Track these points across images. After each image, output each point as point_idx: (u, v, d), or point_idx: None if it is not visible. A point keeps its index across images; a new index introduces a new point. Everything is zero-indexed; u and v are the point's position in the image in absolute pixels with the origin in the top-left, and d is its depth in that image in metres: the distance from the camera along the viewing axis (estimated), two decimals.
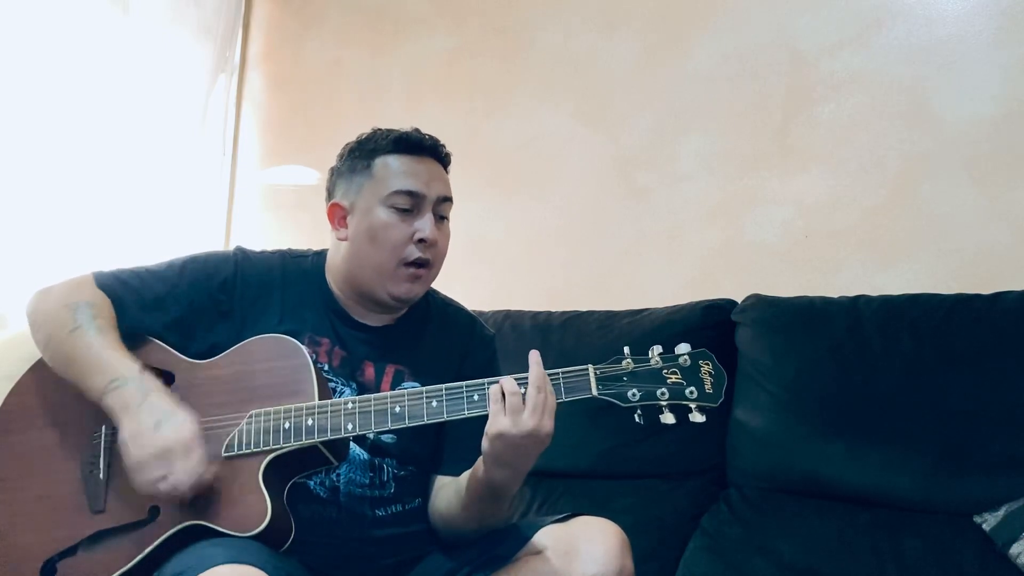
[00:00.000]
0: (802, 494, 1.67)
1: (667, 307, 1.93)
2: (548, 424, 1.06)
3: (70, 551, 1.14)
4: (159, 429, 1.08)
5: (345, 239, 1.30)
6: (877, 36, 1.98)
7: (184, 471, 1.07)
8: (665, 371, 1.12)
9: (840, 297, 1.79)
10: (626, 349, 1.14)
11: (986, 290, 1.66)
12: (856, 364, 1.66)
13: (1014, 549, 1.38)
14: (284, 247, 1.41)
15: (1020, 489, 1.46)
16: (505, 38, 2.49)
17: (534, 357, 1.09)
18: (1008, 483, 1.48)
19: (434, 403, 1.13)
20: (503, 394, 1.07)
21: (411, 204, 1.26)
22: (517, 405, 1.05)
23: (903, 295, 1.73)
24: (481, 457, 1.11)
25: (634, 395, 1.11)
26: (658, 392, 1.11)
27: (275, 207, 2.84)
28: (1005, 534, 1.41)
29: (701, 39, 2.19)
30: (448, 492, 1.27)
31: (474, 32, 2.54)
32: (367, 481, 1.25)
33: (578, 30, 2.37)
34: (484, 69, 2.52)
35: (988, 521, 1.45)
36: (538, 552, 1.13)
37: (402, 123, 1.34)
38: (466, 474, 1.21)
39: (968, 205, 1.85)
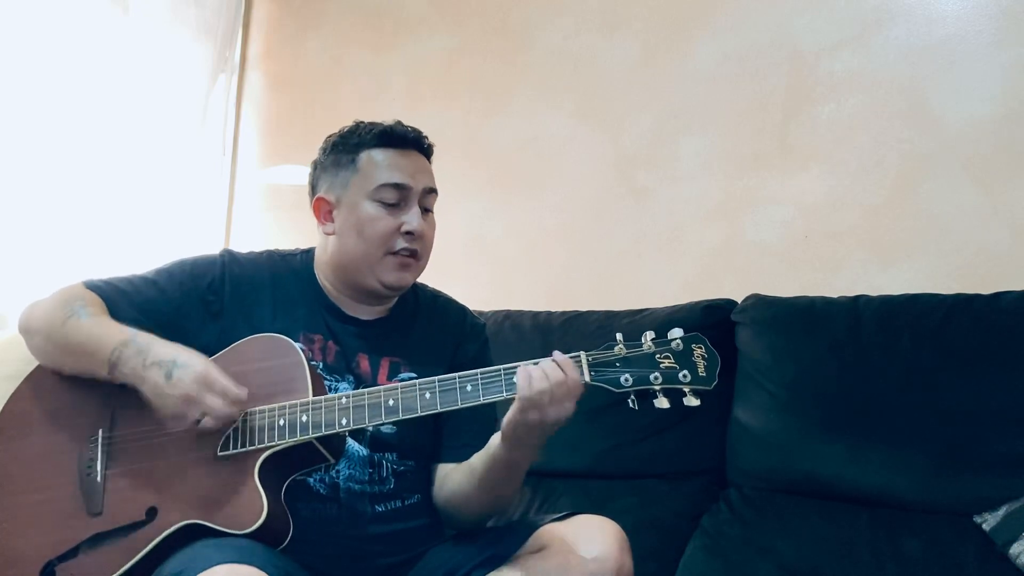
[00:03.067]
0: (802, 494, 1.67)
1: (667, 307, 1.93)
2: (570, 408, 1.08)
3: (69, 553, 1.15)
4: (171, 378, 1.12)
5: (332, 233, 1.31)
6: (877, 36, 1.98)
7: (216, 404, 1.11)
8: (658, 355, 1.12)
9: (840, 297, 1.78)
10: (619, 335, 1.14)
11: (986, 290, 1.66)
12: (856, 364, 1.66)
13: (1014, 549, 1.38)
14: (275, 248, 1.42)
15: (1020, 489, 1.46)
16: (505, 38, 2.49)
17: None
18: (1008, 483, 1.48)
19: (427, 395, 1.14)
20: (533, 390, 1.07)
21: (398, 197, 1.27)
22: (543, 401, 1.06)
23: (903, 295, 1.73)
24: (499, 437, 1.13)
25: (627, 380, 1.10)
26: (651, 376, 1.10)
27: (275, 207, 2.84)
28: (1005, 534, 1.41)
29: (701, 39, 2.19)
30: (459, 475, 1.27)
31: (474, 32, 2.54)
32: (366, 477, 1.26)
33: (578, 30, 2.37)
34: (484, 69, 2.51)
35: (988, 521, 1.45)
36: (537, 551, 1.13)
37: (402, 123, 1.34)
38: (477, 456, 1.22)
39: (968, 205, 1.85)
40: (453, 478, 1.28)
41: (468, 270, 2.38)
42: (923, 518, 1.53)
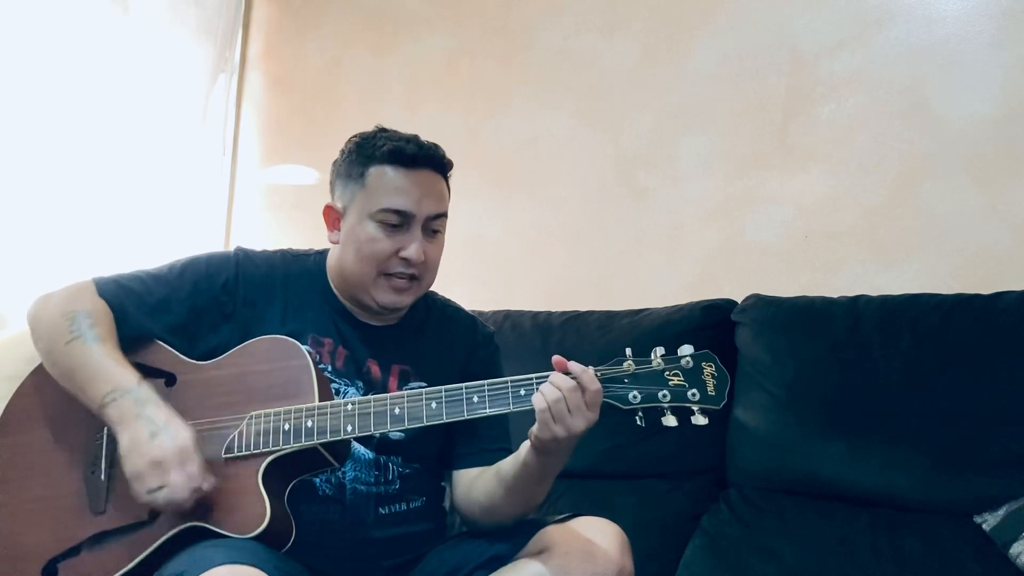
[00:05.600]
0: (802, 494, 1.67)
1: (667, 307, 1.93)
2: (593, 416, 1.08)
3: (71, 552, 1.15)
4: (154, 439, 1.08)
5: (337, 242, 1.30)
6: (877, 36, 1.98)
7: (180, 481, 1.07)
8: (667, 373, 1.11)
9: (840, 297, 1.79)
10: (628, 351, 1.13)
11: (986, 290, 1.66)
12: (856, 364, 1.66)
13: (1014, 549, 1.38)
14: (284, 247, 1.41)
15: (1020, 489, 1.46)
16: (505, 38, 2.49)
17: (559, 362, 1.10)
18: (1008, 483, 1.48)
19: (433, 405, 1.13)
20: (547, 404, 1.06)
21: (399, 221, 1.24)
22: (563, 412, 1.06)
23: (903, 295, 1.73)
24: (529, 450, 1.13)
25: (635, 397, 1.10)
26: (659, 394, 1.10)
27: (275, 207, 2.84)
28: (1005, 534, 1.41)
29: (701, 39, 2.19)
30: (488, 482, 1.25)
31: (474, 32, 2.54)
32: (372, 479, 1.26)
33: (578, 30, 2.37)
34: (484, 69, 2.51)
35: (988, 521, 1.45)
36: (538, 552, 1.13)
37: (402, 124, 1.33)
38: (506, 462, 1.21)
39: (968, 205, 1.85)
40: (481, 484, 1.26)
41: (468, 270, 2.38)
42: (923, 518, 1.53)
